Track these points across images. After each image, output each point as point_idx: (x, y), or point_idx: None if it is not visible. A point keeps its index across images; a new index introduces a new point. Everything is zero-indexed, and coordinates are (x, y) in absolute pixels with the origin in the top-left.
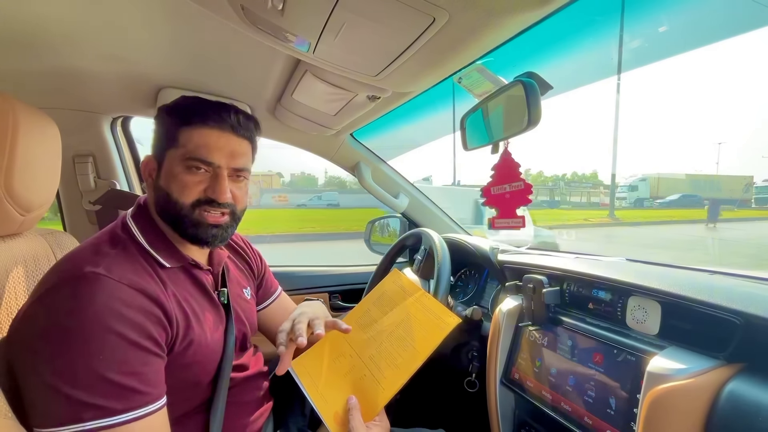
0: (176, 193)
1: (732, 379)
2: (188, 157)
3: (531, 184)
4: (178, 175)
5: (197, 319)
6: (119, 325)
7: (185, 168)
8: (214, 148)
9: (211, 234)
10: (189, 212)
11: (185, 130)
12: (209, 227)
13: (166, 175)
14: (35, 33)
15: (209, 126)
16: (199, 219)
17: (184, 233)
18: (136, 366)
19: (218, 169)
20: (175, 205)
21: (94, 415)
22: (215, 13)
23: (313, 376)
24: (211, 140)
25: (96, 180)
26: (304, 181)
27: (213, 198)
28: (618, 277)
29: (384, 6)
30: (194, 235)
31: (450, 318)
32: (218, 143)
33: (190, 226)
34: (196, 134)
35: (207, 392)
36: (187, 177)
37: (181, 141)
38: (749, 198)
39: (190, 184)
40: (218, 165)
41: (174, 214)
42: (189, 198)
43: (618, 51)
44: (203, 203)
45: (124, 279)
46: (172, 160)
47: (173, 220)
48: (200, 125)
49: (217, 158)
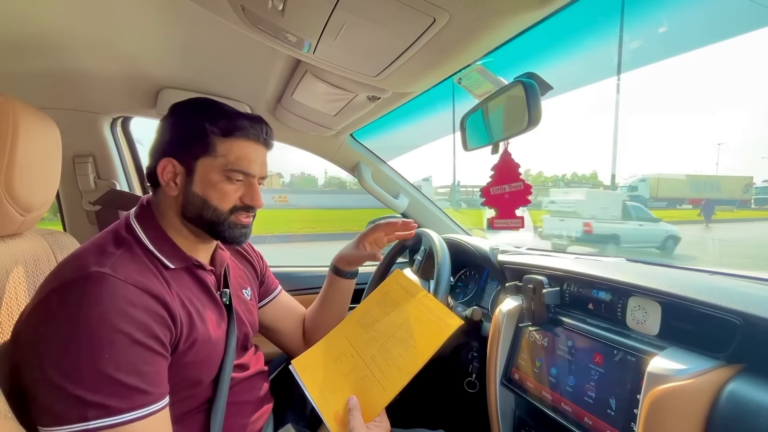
0: (216, 201)
1: (732, 380)
2: (230, 168)
3: (530, 185)
4: (217, 184)
5: (201, 319)
6: (125, 324)
7: (225, 178)
8: (253, 160)
9: (243, 234)
10: (227, 217)
11: (225, 141)
12: (242, 228)
13: (202, 183)
14: (36, 34)
15: (249, 139)
16: (235, 222)
17: (220, 235)
18: (140, 365)
19: (253, 179)
20: (215, 211)
21: (98, 414)
22: (216, 14)
23: (315, 375)
24: (250, 153)
25: (96, 180)
26: (304, 181)
27: (251, 205)
28: (618, 278)
29: (384, 6)
30: (231, 236)
31: (452, 320)
32: (255, 156)
33: (227, 229)
34: (237, 146)
35: (208, 392)
36: (227, 186)
37: (220, 151)
38: (749, 198)
39: (230, 192)
40: (254, 175)
41: (212, 220)
42: (228, 205)
43: (618, 51)
44: (239, 209)
45: (129, 279)
46: (210, 168)
47: (209, 224)
48: (242, 138)
49: (254, 170)
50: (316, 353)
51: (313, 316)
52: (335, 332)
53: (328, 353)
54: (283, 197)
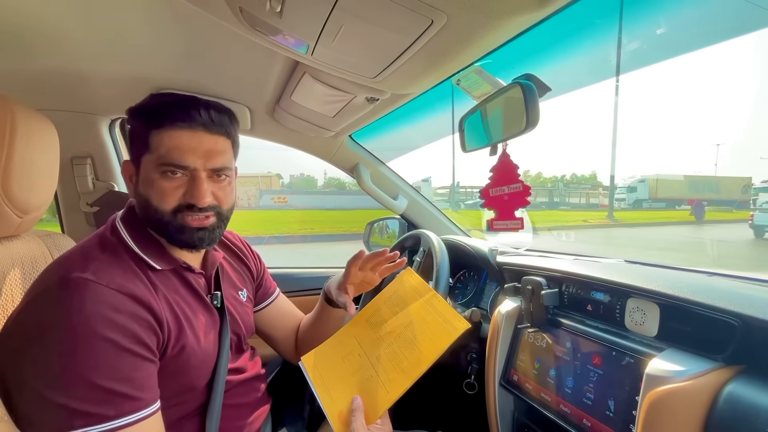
0: (156, 201)
1: (731, 381)
2: (161, 162)
3: (529, 186)
4: (154, 182)
5: (189, 323)
6: (108, 330)
7: (161, 174)
8: (187, 150)
9: (197, 237)
10: (171, 219)
11: (155, 134)
12: (194, 231)
13: (144, 182)
14: (33, 35)
15: (178, 127)
16: (183, 224)
17: (171, 239)
18: (127, 371)
19: (195, 172)
20: (156, 212)
21: (86, 422)
22: (214, 15)
23: (322, 372)
24: (182, 142)
25: (94, 182)
26: (303, 182)
27: (193, 203)
28: (616, 279)
29: (382, 8)
30: (180, 240)
31: (459, 323)
32: (190, 144)
33: (174, 232)
34: (167, 137)
35: (203, 396)
36: (163, 183)
37: (153, 145)
38: (748, 199)
39: (168, 191)
40: (194, 168)
41: (157, 221)
42: (169, 205)
43: (616, 53)
44: (184, 209)
45: (112, 283)
46: (148, 165)
47: (157, 227)
48: (169, 127)
49: (191, 161)
50: (325, 350)
51: (305, 331)
52: (345, 330)
53: (337, 351)
54: (283, 198)
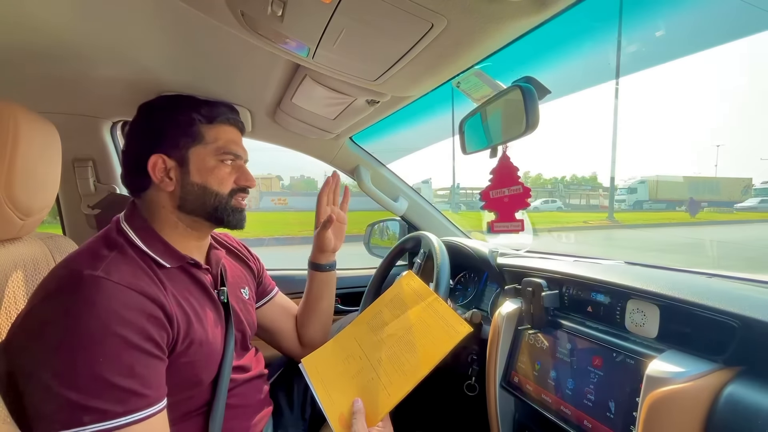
0: (216, 185)
1: (731, 383)
2: (223, 151)
3: (529, 188)
4: (214, 169)
5: (198, 318)
6: (120, 327)
7: (219, 162)
8: (238, 142)
9: (243, 218)
10: (228, 200)
11: (212, 128)
12: (242, 212)
13: (199, 171)
14: (35, 39)
15: (230, 123)
16: (236, 205)
17: (224, 221)
18: (136, 368)
19: (242, 162)
20: (216, 196)
21: (95, 418)
22: (215, 19)
23: (323, 374)
24: (235, 136)
25: (96, 184)
26: (303, 184)
27: (247, 185)
28: (616, 280)
29: (382, 12)
30: (234, 221)
31: (461, 326)
32: (237, 138)
33: (230, 213)
34: (222, 131)
35: (207, 393)
36: (223, 170)
37: (208, 138)
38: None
39: (226, 175)
40: (243, 158)
41: (215, 205)
42: (227, 188)
43: (616, 55)
44: (237, 191)
45: (123, 281)
46: (203, 155)
47: (212, 211)
48: (225, 123)
49: (242, 151)
50: (325, 353)
51: (302, 314)
52: (345, 332)
53: (338, 353)
54: (283, 200)
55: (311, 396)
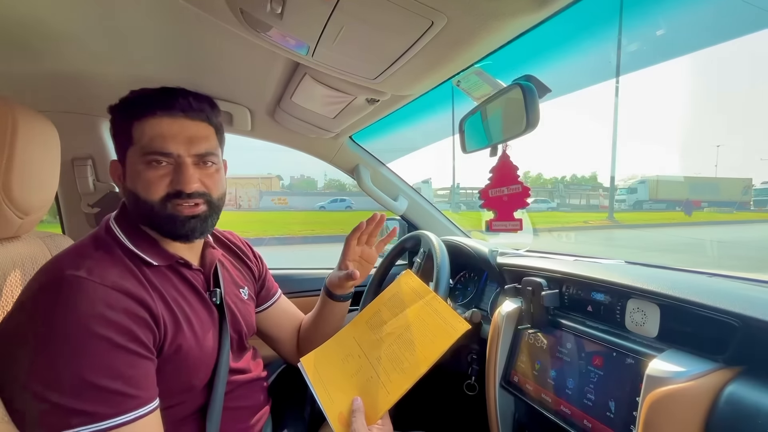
0: (143, 192)
1: (731, 382)
2: (145, 152)
3: (529, 187)
4: (140, 173)
5: (187, 320)
6: (103, 328)
7: (146, 164)
8: (168, 136)
9: (189, 227)
10: (161, 209)
11: (137, 125)
12: (186, 220)
13: (130, 176)
14: (34, 36)
15: (157, 115)
16: (173, 213)
17: (162, 231)
18: (122, 369)
19: (179, 159)
20: (145, 204)
21: (82, 421)
22: (214, 17)
23: (322, 373)
24: (163, 129)
25: (95, 183)
26: (303, 183)
27: (180, 189)
28: (617, 280)
29: (382, 10)
30: (172, 231)
31: (459, 324)
32: (171, 131)
33: (165, 222)
34: (148, 126)
35: (202, 397)
36: (149, 173)
37: (135, 137)
38: (748, 200)
39: (154, 180)
40: (177, 154)
41: (146, 214)
42: (156, 195)
43: (616, 54)
44: (172, 197)
45: (106, 281)
46: (132, 158)
47: (148, 220)
48: (149, 116)
49: (174, 147)
50: (324, 352)
51: (306, 329)
52: (344, 332)
53: (336, 352)
54: (283, 199)
55: (310, 395)
